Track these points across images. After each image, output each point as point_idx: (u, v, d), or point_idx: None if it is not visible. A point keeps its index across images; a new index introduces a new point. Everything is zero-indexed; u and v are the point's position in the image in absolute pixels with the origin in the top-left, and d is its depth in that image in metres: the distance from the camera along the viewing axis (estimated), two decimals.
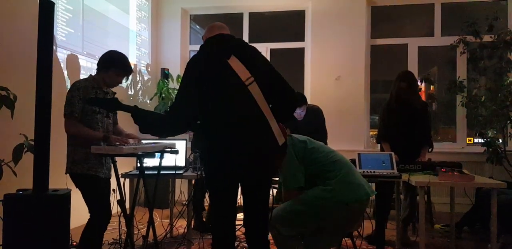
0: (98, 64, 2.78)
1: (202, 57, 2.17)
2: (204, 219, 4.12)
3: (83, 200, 2.65)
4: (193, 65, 2.14)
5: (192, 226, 3.91)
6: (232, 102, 2.07)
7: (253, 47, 2.24)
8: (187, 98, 2.11)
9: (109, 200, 2.73)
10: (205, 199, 4.14)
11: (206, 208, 4.15)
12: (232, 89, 2.07)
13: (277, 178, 2.81)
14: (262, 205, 2.21)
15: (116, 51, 2.86)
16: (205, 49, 2.21)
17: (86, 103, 2.51)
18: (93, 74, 2.83)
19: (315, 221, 2.45)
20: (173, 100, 5.36)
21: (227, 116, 2.06)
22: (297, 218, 2.44)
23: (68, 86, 4.00)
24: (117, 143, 2.59)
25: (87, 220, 2.65)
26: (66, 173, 2.65)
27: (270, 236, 2.31)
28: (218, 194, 2.15)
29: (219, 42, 2.19)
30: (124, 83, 5.10)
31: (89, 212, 2.64)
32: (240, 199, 2.19)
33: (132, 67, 2.87)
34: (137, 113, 2.16)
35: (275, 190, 2.79)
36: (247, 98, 2.06)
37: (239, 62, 2.08)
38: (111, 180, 2.80)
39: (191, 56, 2.21)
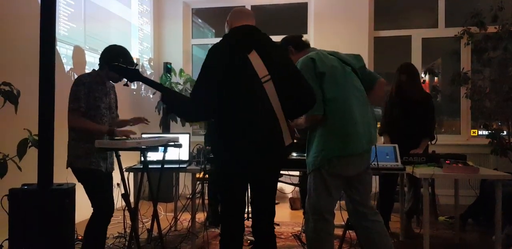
0: (100, 60, 2.79)
1: (223, 47, 2.14)
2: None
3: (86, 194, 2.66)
4: (214, 54, 2.12)
5: (207, 221, 3.93)
6: (245, 98, 2.06)
7: (276, 43, 2.22)
8: (206, 86, 2.10)
9: (112, 194, 2.74)
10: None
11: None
12: (247, 85, 2.06)
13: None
14: (269, 201, 2.23)
15: (116, 45, 2.85)
16: (228, 39, 2.18)
17: (110, 69, 2.52)
18: (96, 69, 2.83)
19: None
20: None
21: (238, 112, 2.06)
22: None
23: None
24: (123, 137, 2.60)
25: (91, 214, 2.66)
26: (67, 168, 2.66)
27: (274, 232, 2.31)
28: (227, 191, 2.18)
29: (243, 35, 2.17)
30: None
31: (92, 206, 2.65)
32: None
33: (135, 61, 2.87)
34: (160, 86, 2.21)
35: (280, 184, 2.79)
36: (260, 96, 2.05)
37: (258, 58, 2.07)
38: (115, 174, 2.81)
39: (213, 44, 2.17)
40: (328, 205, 2.36)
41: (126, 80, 2.42)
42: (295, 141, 3.07)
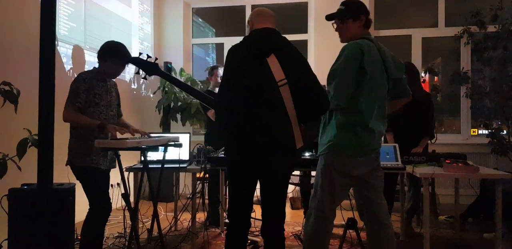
0: (97, 57, 2.79)
1: (242, 49, 2.17)
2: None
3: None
4: (234, 56, 2.16)
5: (208, 221, 3.93)
6: (260, 100, 2.09)
7: (294, 47, 2.23)
8: (227, 88, 2.14)
9: (108, 192, 2.75)
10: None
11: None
12: (264, 88, 2.09)
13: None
14: (278, 203, 2.23)
15: (112, 41, 2.85)
16: (248, 42, 2.20)
17: (129, 61, 2.60)
18: (96, 67, 2.84)
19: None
20: (177, 94, 5.38)
21: (253, 114, 2.09)
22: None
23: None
24: (114, 132, 2.63)
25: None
26: (66, 165, 2.66)
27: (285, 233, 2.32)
28: (234, 191, 2.22)
29: (263, 38, 2.19)
30: (127, 76, 5.13)
31: (90, 204, 2.65)
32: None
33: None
34: (177, 81, 2.21)
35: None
36: (276, 99, 2.08)
37: (277, 62, 2.10)
38: (115, 173, 2.81)
39: (233, 45, 2.21)
40: (331, 203, 2.35)
41: (144, 73, 2.47)
42: None
